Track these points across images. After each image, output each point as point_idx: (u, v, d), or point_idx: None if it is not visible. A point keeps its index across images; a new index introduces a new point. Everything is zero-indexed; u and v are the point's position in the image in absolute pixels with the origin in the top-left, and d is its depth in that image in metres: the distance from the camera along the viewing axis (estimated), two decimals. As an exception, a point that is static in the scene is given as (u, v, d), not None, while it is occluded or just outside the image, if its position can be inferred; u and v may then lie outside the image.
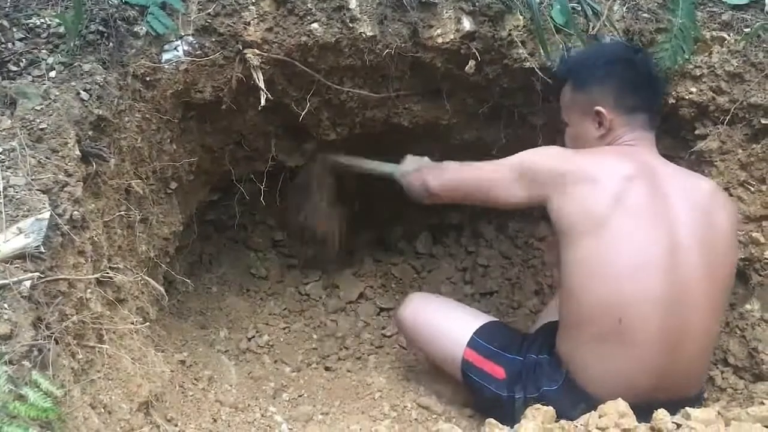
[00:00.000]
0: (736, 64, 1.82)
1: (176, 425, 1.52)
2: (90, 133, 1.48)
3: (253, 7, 1.76)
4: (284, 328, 2.38)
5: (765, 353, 1.77)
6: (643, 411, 1.31)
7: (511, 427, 1.34)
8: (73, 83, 1.51)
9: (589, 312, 1.57)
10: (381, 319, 2.49)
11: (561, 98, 1.83)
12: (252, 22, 1.75)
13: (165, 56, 1.70)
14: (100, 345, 1.36)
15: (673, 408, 1.38)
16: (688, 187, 1.64)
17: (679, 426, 1.24)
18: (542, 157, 1.69)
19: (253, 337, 2.30)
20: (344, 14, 1.79)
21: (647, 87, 1.75)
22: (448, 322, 1.91)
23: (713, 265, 1.58)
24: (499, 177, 1.72)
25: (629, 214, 1.55)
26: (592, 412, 1.33)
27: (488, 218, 2.67)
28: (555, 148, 1.73)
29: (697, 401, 1.68)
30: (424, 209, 2.35)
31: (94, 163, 1.46)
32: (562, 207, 1.60)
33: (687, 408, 1.32)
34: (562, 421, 1.35)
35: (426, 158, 2.04)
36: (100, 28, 1.60)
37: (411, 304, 2.01)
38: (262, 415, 1.79)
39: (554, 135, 1.95)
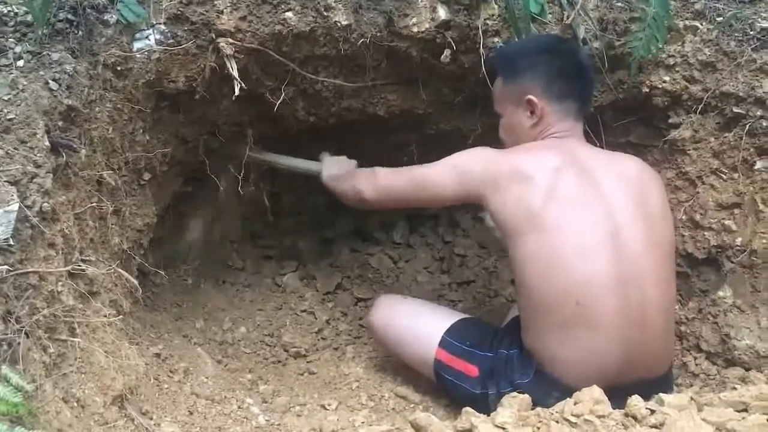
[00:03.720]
0: (709, 53, 1.84)
1: (151, 418, 1.50)
2: (59, 123, 1.45)
3: (226, -5, 1.73)
4: (261, 320, 2.36)
5: (737, 339, 1.80)
6: (617, 396, 1.33)
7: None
8: (41, 73, 1.47)
9: (547, 303, 1.60)
10: (358, 309, 2.48)
11: (493, 90, 1.87)
12: (225, 10, 1.73)
13: (136, 45, 1.67)
14: (72, 338, 1.34)
15: (646, 390, 1.43)
16: (616, 169, 1.71)
17: (652, 412, 1.26)
18: (474, 159, 1.74)
19: (230, 328, 2.28)
20: (319, 3, 1.77)
21: (575, 75, 1.79)
22: (417, 324, 1.92)
23: (655, 236, 1.65)
24: (434, 179, 1.77)
25: (565, 204, 1.61)
26: (568, 399, 1.34)
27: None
28: (486, 149, 1.76)
29: (667, 382, 1.72)
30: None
31: (64, 154, 1.43)
32: (500, 207, 1.66)
33: (661, 394, 1.34)
34: (538, 409, 1.36)
35: (344, 158, 2.09)
36: (69, 16, 1.57)
37: (380, 307, 2.02)
38: (239, 407, 1.77)
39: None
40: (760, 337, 1.76)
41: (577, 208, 1.62)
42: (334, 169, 2.06)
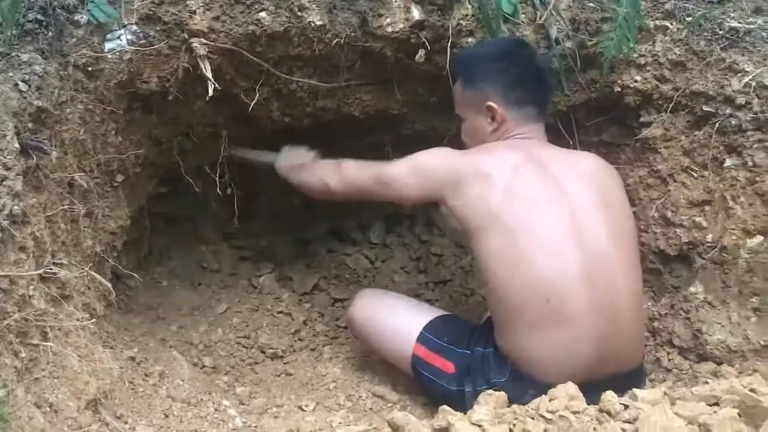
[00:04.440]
0: (679, 53, 1.86)
1: (126, 422, 1.49)
2: (29, 125, 1.43)
3: (198, -5, 1.72)
4: (237, 321, 2.35)
5: (708, 334, 1.82)
6: (592, 392, 1.34)
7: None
8: (10, 74, 1.45)
9: (516, 302, 1.61)
10: (335, 309, 2.48)
11: (453, 95, 1.89)
12: (198, 10, 1.72)
13: (107, 45, 1.66)
14: (44, 343, 1.32)
15: (620, 384, 1.46)
16: (575, 165, 1.74)
17: (626, 407, 1.27)
18: (435, 159, 1.76)
19: (206, 330, 2.27)
20: (292, 3, 1.77)
21: (534, 80, 1.81)
22: (397, 319, 1.92)
23: (617, 228, 1.68)
24: (397, 178, 1.78)
25: (526, 201, 1.63)
26: (543, 396, 1.35)
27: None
28: (447, 150, 1.79)
29: (640, 375, 1.74)
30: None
31: (34, 156, 1.41)
32: (461, 207, 1.68)
33: (634, 389, 1.35)
34: (514, 406, 1.37)
35: (303, 148, 2.09)
36: (39, 16, 1.55)
37: (360, 302, 2.02)
38: (216, 410, 1.77)
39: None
40: (731, 331, 1.79)
41: (539, 205, 1.64)
42: (292, 159, 2.07)
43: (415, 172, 1.76)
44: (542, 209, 1.64)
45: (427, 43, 1.86)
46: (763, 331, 1.74)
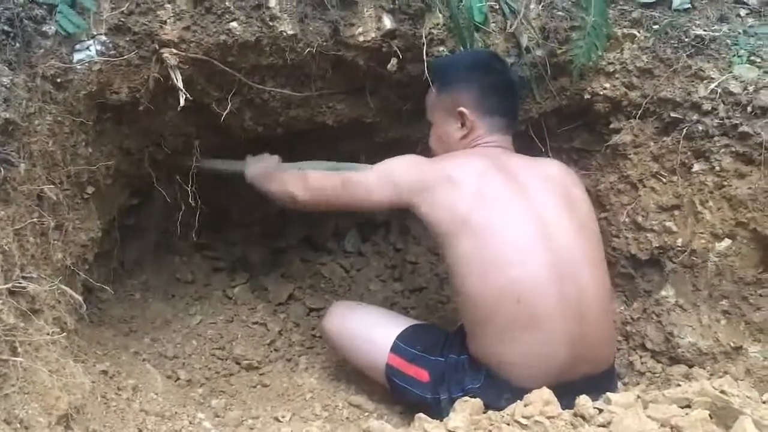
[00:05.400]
0: (646, 60, 1.90)
1: (99, 437, 1.47)
2: (-3, 137, 1.41)
3: (169, 6, 1.71)
4: (212, 333, 2.33)
5: (680, 337, 1.85)
6: (566, 394, 1.36)
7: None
8: (-23, 85, 1.43)
9: (488, 305, 1.63)
10: (311, 319, 2.47)
11: (426, 99, 1.92)
12: (168, 20, 1.71)
13: (76, 56, 1.64)
14: (14, 358, 1.29)
15: (593, 385, 1.51)
16: (539, 170, 1.79)
17: (600, 411, 1.29)
18: (403, 166, 1.79)
19: (180, 343, 2.24)
20: (264, 12, 1.77)
21: (505, 92, 1.86)
22: (370, 331, 1.92)
23: (582, 229, 1.72)
24: (364, 185, 1.80)
25: (493, 206, 1.66)
26: (518, 401, 1.36)
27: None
28: (415, 157, 1.82)
29: (612, 377, 1.77)
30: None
31: (1, 169, 1.39)
32: (430, 213, 1.70)
33: (608, 393, 1.36)
34: (490, 412, 1.37)
35: (266, 154, 2.08)
36: (5, 27, 1.52)
37: (334, 314, 2.02)
38: (190, 423, 1.74)
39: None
40: (702, 334, 1.82)
41: (506, 209, 1.67)
42: (258, 168, 2.05)
43: (383, 179, 1.77)
44: (509, 213, 1.66)
45: (399, 52, 1.87)
46: (733, 333, 1.78)
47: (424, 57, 1.86)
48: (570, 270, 1.63)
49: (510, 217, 1.66)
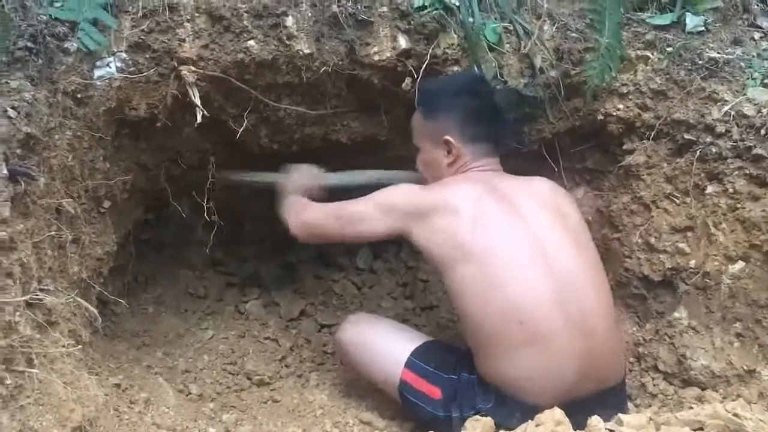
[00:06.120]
0: (660, 82, 1.90)
1: (111, 450, 1.47)
2: (18, 151, 1.43)
3: (188, 24, 1.75)
4: (223, 348, 2.34)
5: (693, 359, 1.84)
6: (577, 412, 1.35)
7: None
8: (0, 100, 1.46)
9: (491, 329, 1.63)
10: (322, 336, 2.47)
11: (412, 124, 1.93)
12: (187, 38, 1.74)
13: (97, 73, 1.67)
14: (29, 369, 1.31)
15: (604, 401, 1.52)
16: (530, 190, 1.80)
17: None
18: (400, 195, 1.81)
19: (192, 357, 2.25)
20: (281, 32, 1.80)
21: (490, 118, 1.87)
22: (385, 344, 1.92)
23: (578, 245, 1.72)
24: (360, 216, 1.81)
25: (490, 230, 1.67)
26: (529, 421, 1.36)
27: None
28: (410, 185, 1.84)
29: (622, 393, 1.76)
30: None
31: (22, 183, 1.41)
32: (429, 240, 1.72)
33: (620, 414, 1.36)
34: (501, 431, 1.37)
35: (307, 166, 2.08)
36: (29, 44, 1.56)
37: (349, 326, 2.02)
38: (201, 437, 1.75)
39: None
40: (715, 357, 1.81)
41: (503, 232, 1.68)
42: (293, 181, 2.06)
43: (380, 208, 1.79)
44: (507, 236, 1.67)
45: (413, 71, 1.89)
46: (746, 356, 1.76)
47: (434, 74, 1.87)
48: (571, 287, 1.64)
49: (508, 239, 1.67)
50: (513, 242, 1.67)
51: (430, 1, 1.88)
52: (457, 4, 1.89)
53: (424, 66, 1.88)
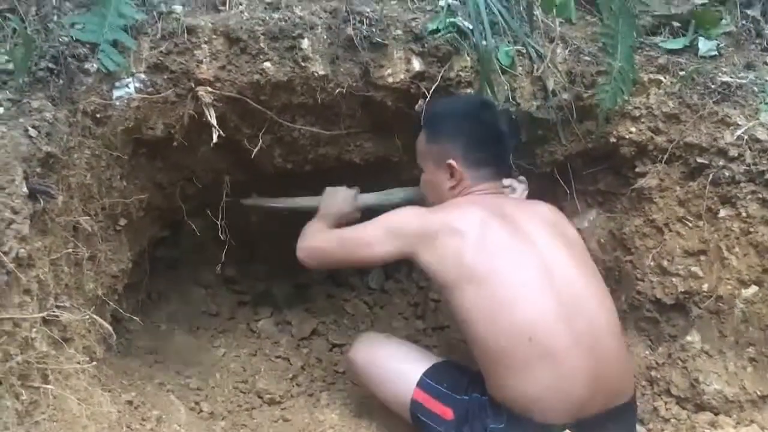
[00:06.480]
0: (673, 105, 1.91)
1: (123, 467, 1.48)
2: (38, 170, 1.46)
3: (205, 46, 1.78)
4: (235, 366, 2.34)
5: (706, 384, 1.83)
6: (588, 430, 1.35)
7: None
8: (21, 120, 1.49)
9: (500, 349, 1.63)
10: (333, 355, 2.48)
11: (416, 145, 1.94)
12: (204, 60, 1.77)
13: (116, 93, 1.70)
14: (45, 386, 1.32)
15: (615, 419, 1.53)
16: (532, 211, 1.82)
17: (624, 456, 1.28)
18: (406, 218, 1.81)
19: (204, 375, 2.26)
20: (296, 54, 1.82)
21: (494, 143, 1.88)
22: (397, 364, 1.92)
23: (583, 266, 1.74)
24: (366, 240, 1.82)
25: (495, 252, 1.68)
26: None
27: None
28: (416, 208, 1.84)
29: (633, 410, 1.74)
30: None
31: (41, 200, 1.44)
32: (436, 263, 1.72)
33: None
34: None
35: (342, 189, 2.09)
36: (50, 65, 1.59)
37: (361, 345, 2.02)
38: (212, 455, 1.76)
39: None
40: (728, 381, 1.80)
41: (508, 252, 1.69)
42: (329, 206, 2.07)
43: (386, 231, 1.79)
44: (513, 256, 1.68)
45: (426, 93, 1.91)
46: (760, 381, 1.75)
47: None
48: (578, 306, 1.64)
49: (514, 260, 1.68)
50: (519, 262, 1.68)
51: (443, 24, 1.90)
52: (471, 27, 1.91)
53: (433, 87, 1.90)
